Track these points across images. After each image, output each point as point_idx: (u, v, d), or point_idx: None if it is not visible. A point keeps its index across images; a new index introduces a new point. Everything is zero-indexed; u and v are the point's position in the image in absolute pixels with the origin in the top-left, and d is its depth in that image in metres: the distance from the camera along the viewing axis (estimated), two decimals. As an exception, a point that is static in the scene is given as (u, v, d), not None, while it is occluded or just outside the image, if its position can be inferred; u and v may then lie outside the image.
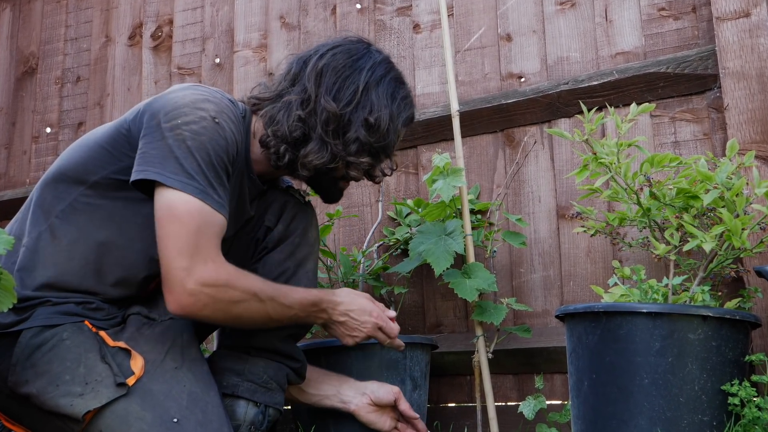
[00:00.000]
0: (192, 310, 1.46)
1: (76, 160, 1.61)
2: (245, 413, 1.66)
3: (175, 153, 1.45)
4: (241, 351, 1.71)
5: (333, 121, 1.59)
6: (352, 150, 1.60)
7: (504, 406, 2.25)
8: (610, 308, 1.56)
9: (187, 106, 1.49)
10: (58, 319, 1.54)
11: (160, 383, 1.50)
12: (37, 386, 1.48)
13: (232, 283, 1.49)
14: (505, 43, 2.47)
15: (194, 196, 1.44)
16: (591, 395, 1.58)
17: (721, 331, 1.52)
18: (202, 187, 1.45)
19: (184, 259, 1.43)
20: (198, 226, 1.44)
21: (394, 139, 1.65)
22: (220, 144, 1.49)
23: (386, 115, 1.61)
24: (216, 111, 1.51)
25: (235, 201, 1.66)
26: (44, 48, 3.33)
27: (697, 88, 2.15)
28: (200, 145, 1.46)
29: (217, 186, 1.48)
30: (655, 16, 2.26)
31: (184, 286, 1.44)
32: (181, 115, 1.48)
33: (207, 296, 1.45)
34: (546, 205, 2.30)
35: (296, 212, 1.78)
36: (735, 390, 1.49)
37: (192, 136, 1.46)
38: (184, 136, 1.46)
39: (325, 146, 1.59)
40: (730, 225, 1.56)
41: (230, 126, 1.53)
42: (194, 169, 1.45)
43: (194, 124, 1.47)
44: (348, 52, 1.64)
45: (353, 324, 1.70)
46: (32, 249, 1.58)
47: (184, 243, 1.43)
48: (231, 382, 1.67)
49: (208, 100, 1.52)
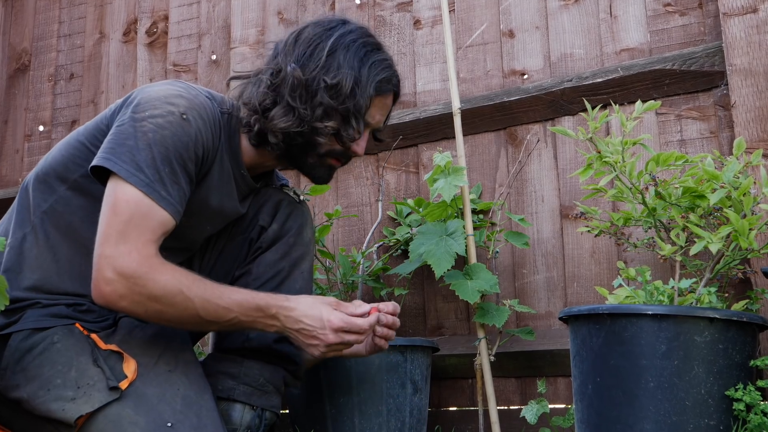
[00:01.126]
0: (109, 300, 1.45)
1: (57, 159, 1.62)
2: (241, 417, 1.66)
3: (131, 143, 1.47)
4: (236, 353, 1.71)
5: (299, 86, 1.59)
6: (318, 114, 1.60)
7: (506, 410, 2.24)
8: (614, 310, 1.56)
9: (158, 99, 1.51)
10: (49, 321, 1.53)
11: (153, 387, 1.50)
12: (27, 391, 1.48)
13: (153, 276, 1.44)
14: (507, 40, 2.46)
15: (137, 187, 1.45)
16: (595, 399, 1.58)
17: (728, 334, 1.51)
18: (148, 181, 1.46)
19: (109, 247, 1.43)
20: (131, 217, 1.44)
21: (363, 103, 1.63)
22: (183, 140, 1.50)
23: (350, 77, 1.60)
24: (186, 107, 1.53)
25: (219, 197, 1.66)
26: (37, 44, 3.33)
27: (704, 86, 2.15)
28: (160, 139, 1.48)
29: (169, 182, 1.48)
30: (660, 12, 2.26)
31: (103, 273, 1.43)
32: (150, 107, 1.50)
33: (123, 287, 1.43)
34: (549, 205, 2.30)
35: (291, 211, 1.78)
36: (739, 395, 1.48)
37: (154, 129, 1.48)
38: (147, 129, 1.48)
39: (292, 110, 1.60)
40: (737, 225, 1.56)
41: (199, 123, 1.54)
42: (146, 162, 1.46)
43: (160, 118, 1.49)
44: (323, 24, 1.66)
45: (310, 333, 1.56)
46: (17, 250, 1.58)
47: (112, 231, 1.44)
48: (226, 386, 1.67)
49: (182, 96, 1.54)
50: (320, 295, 2.29)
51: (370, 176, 2.58)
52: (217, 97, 1.67)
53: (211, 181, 1.63)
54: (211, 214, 1.67)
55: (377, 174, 2.57)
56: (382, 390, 1.98)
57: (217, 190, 1.65)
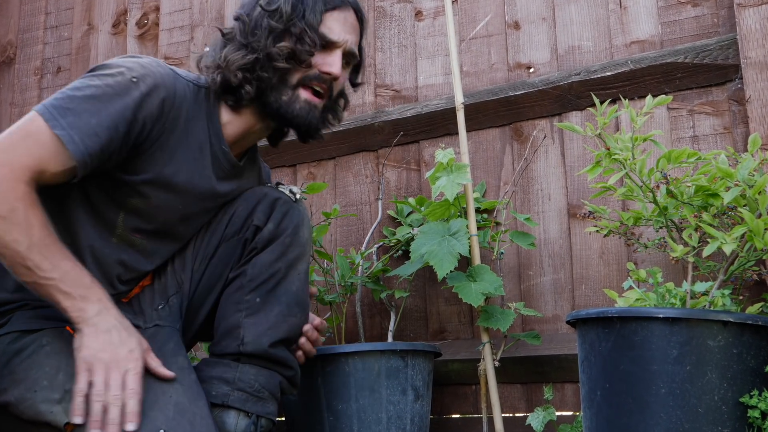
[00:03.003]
0: None
1: None
2: (236, 424, 1.66)
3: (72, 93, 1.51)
4: (230, 358, 1.71)
5: (245, 25, 1.68)
6: (268, 41, 1.67)
7: (511, 417, 2.25)
8: (624, 313, 1.56)
9: (117, 63, 1.57)
10: (38, 323, 1.54)
11: (145, 393, 1.50)
12: (15, 394, 1.48)
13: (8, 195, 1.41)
14: (512, 31, 2.46)
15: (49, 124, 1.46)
16: (604, 406, 1.58)
17: (743, 338, 1.51)
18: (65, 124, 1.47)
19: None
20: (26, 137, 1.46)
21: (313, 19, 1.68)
22: (124, 101, 1.52)
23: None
24: (141, 74, 1.56)
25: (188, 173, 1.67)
26: (22, 36, 3.33)
27: (717, 79, 2.15)
28: (100, 95, 1.51)
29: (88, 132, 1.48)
30: (672, 3, 2.26)
31: None
32: (105, 68, 1.56)
33: None
34: (556, 204, 2.30)
35: (287, 210, 1.77)
36: (754, 402, 1.48)
37: (98, 85, 1.52)
38: (91, 83, 1.52)
39: (244, 46, 1.67)
40: (752, 225, 1.56)
41: (151, 89, 1.56)
42: (74, 111, 1.48)
43: (110, 77, 1.53)
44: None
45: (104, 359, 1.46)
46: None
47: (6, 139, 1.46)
48: (221, 392, 1.67)
49: (142, 65, 1.58)
50: (318, 298, 2.29)
51: (370, 174, 2.59)
52: (191, 75, 1.70)
53: (173, 154, 1.63)
54: (179, 191, 1.67)
55: (377, 171, 2.57)
56: (382, 397, 1.98)
57: (184, 165, 1.66)
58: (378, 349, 2.01)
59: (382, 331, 2.43)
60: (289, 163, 2.72)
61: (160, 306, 1.72)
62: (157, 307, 1.72)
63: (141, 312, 1.67)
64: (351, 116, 2.63)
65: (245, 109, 1.71)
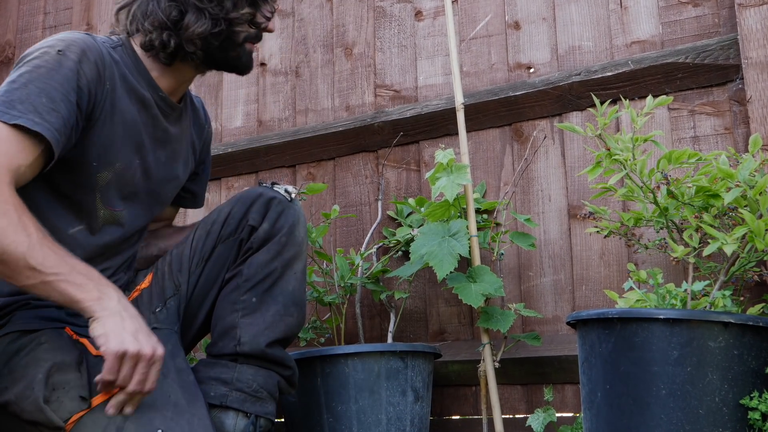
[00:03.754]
0: None
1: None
2: (235, 425, 1.66)
3: (7, 88, 1.50)
4: (228, 359, 1.71)
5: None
6: (228, 6, 1.67)
7: (512, 418, 2.25)
8: (624, 314, 1.56)
9: (35, 47, 1.57)
10: (38, 323, 1.55)
11: (143, 394, 1.51)
12: (14, 392, 1.49)
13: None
14: (513, 32, 2.47)
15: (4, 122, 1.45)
16: (605, 407, 1.58)
17: (744, 339, 1.52)
18: (18, 113, 1.46)
19: None
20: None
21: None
22: (61, 72, 1.52)
23: None
24: (64, 45, 1.56)
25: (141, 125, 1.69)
26: (21, 36, 3.33)
27: (718, 80, 2.15)
28: (36, 76, 1.50)
29: (45, 110, 1.48)
30: (673, 3, 2.26)
31: None
32: (27, 56, 1.55)
33: None
34: (556, 205, 2.30)
35: (282, 210, 1.78)
36: (755, 404, 1.48)
37: (30, 69, 1.51)
38: (22, 72, 1.51)
39: (203, 12, 1.66)
40: (753, 226, 1.56)
41: (80, 55, 1.56)
42: (19, 99, 1.48)
43: (36, 59, 1.53)
44: None
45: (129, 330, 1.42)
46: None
47: None
48: (219, 392, 1.67)
49: (58, 39, 1.58)
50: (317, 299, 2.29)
51: (370, 174, 2.59)
52: (100, 37, 1.70)
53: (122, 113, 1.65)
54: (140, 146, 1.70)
55: (377, 172, 2.57)
56: (381, 398, 1.98)
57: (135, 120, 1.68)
58: (378, 350, 2.01)
59: (382, 332, 2.43)
60: (289, 163, 2.72)
61: (157, 309, 1.73)
62: (155, 310, 1.72)
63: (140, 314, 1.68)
64: (351, 116, 2.63)
65: (180, 64, 1.73)
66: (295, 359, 1.96)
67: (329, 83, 2.72)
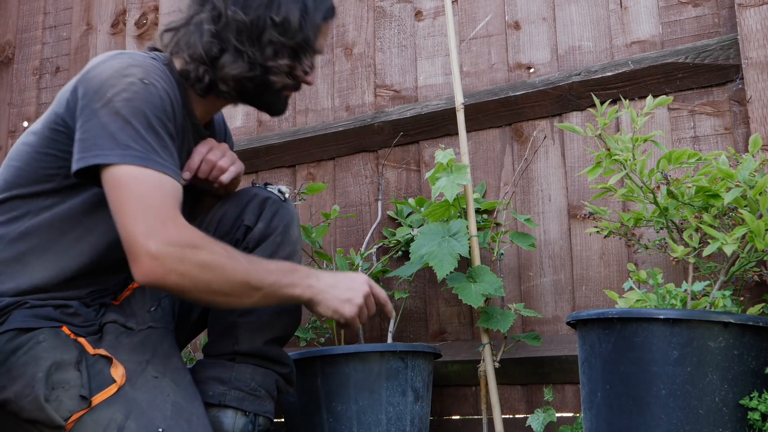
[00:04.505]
0: (157, 276, 1.43)
1: (20, 175, 1.61)
2: (233, 424, 1.66)
3: (109, 129, 1.47)
4: (225, 358, 1.71)
5: (245, 29, 1.61)
6: (268, 54, 1.63)
7: (512, 418, 2.25)
8: (624, 314, 1.56)
9: (112, 77, 1.51)
10: (36, 322, 1.55)
11: (143, 392, 1.52)
12: (14, 390, 1.49)
13: (198, 242, 1.46)
14: (513, 32, 2.47)
15: (135, 164, 1.45)
16: (604, 407, 1.58)
17: (744, 339, 1.52)
18: (142, 153, 1.46)
19: (139, 224, 1.43)
20: (145, 191, 1.45)
21: (312, 35, 1.66)
22: (156, 103, 1.51)
23: (296, 10, 1.62)
24: (143, 72, 1.53)
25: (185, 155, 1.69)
26: (21, 36, 3.33)
27: (718, 80, 2.15)
28: (135, 110, 1.48)
29: (160, 148, 1.49)
30: (673, 3, 2.26)
31: (147, 249, 1.42)
32: (109, 87, 1.50)
33: (173, 258, 1.43)
34: (556, 205, 2.31)
35: (276, 210, 1.78)
36: (755, 404, 1.48)
37: (124, 105, 1.48)
38: (117, 108, 1.48)
39: (241, 55, 1.62)
40: (753, 226, 1.56)
41: (161, 83, 1.55)
42: (131, 137, 1.47)
43: (124, 92, 1.49)
44: None
45: (346, 285, 1.64)
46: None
47: (136, 210, 1.44)
48: (217, 391, 1.68)
49: (133, 64, 1.54)
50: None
51: (370, 174, 2.59)
52: (159, 55, 1.68)
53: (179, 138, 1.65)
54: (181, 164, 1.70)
55: (377, 172, 2.57)
56: (381, 398, 1.98)
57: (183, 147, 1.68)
58: (378, 350, 2.01)
59: (382, 332, 2.43)
60: (289, 163, 2.72)
61: (152, 308, 1.73)
62: (150, 309, 1.72)
63: (133, 314, 1.67)
64: (351, 116, 2.63)
65: (214, 97, 1.71)
66: (295, 359, 1.96)
67: (329, 83, 2.72)
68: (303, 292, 1.59)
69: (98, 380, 1.52)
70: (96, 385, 1.51)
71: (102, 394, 1.50)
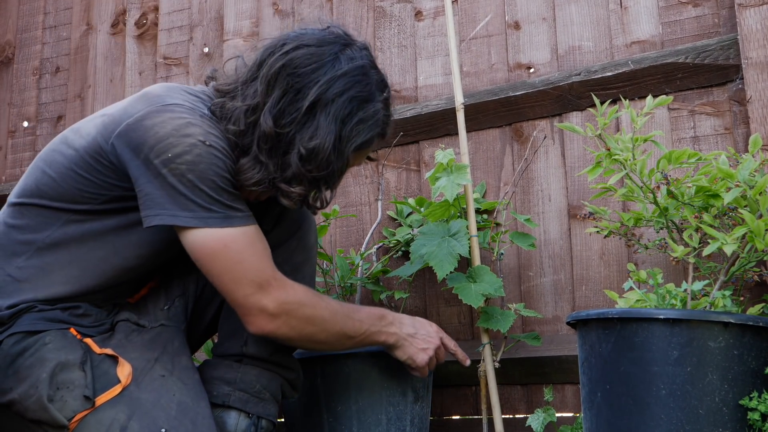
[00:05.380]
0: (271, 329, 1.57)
1: (53, 187, 1.59)
2: (236, 425, 1.67)
3: (181, 191, 1.47)
4: (232, 359, 1.72)
5: (270, 140, 1.53)
6: (286, 176, 1.54)
7: (512, 418, 2.25)
8: (624, 314, 1.56)
9: (171, 135, 1.47)
10: (43, 324, 1.56)
11: (148, 392, 1.52)
12: (19, 391, 1.50)
13: (305, 299, 1.59)
14: (513, 32, 2.47)
15: (220, 227, 1.49)
16: (604, 407, 1.58)
17: (744, 339, 1.52)
18: (223, 214, 1.50)
19: (246, 289, 1.52)
20: (239, 255, 1.51)
21: (339, 168, 1.57)
22: (219, 165, 1.50)
23: (329, 142, 1.51)
24: (203, 133, 1.49)
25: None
26: (21, 36, 3.33)
27: (718, 80, 2.15)
28: (202, 174, 1.47)
29: (234, 203, 1.53)
30: (673, 3, 2.26)
31: (263, 307, 1.54)
32: (169, 147, 1.46)
33: (287, 315, 1.56)
34: (556, 205, 2.31)
35: (293, 216, 1.79)
36: (755, 404, 1.48)
37: (190, 168, 1.47)
38: (182, 170, 1.46)
39: (260, 165, 1.54)
40: (753, 226, 1.56)
41: (220, 143, 1.52)
42: (207, 201, 1.48)
43: (187, 155, 1.47)
44: (311, 57, 1.54)
45: (422, 335, 1.81)
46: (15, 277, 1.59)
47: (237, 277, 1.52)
48: (222, 392, 1.68)
49: (191, 123, 1.50)
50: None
51: (370, 174, 2.59)
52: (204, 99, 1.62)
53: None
54: None
55: (377, 172, 2.57)
56: (381, 398, 1.98)
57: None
58: (378, 350, 2.01)
59: (382, 332, 2.43)
60: (289, 163, 2.71)
61: (165, 307, 1.73)
62: (163, 307, 1.73)
63: (146, 312, 1.68)
64: (351, 116, 2.63)
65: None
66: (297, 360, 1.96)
67: (329, 83, 2.72)
68: (387, 339, 1.76)
69: (103, 380, 1.52)
70: (101, 385, 1.51)
71: (106, 394, 1.50)
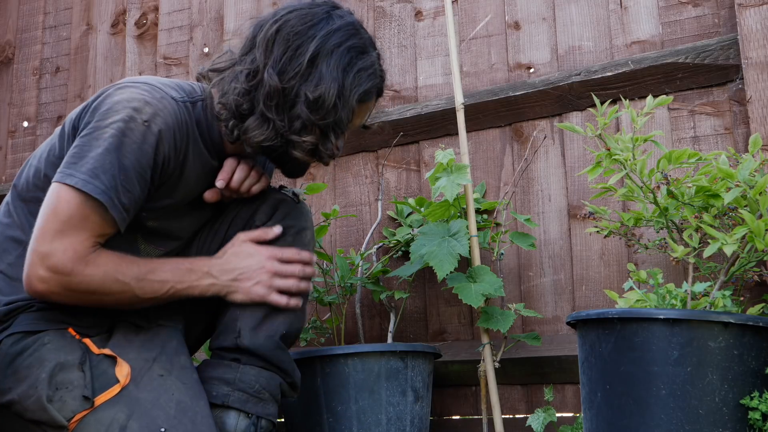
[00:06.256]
0: (42, 296, 1.51)
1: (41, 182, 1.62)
2: (236, 425, 1.66)
3: (92, 152, 1.49)
4: (231, 359, 1.71)
5: (276, 96, 1.56)
6: (295, 127, 1.58)
7: (512, 418, 2.25)
8: (624, 314, 1.56)
9: (122, 104, 1.52)
10: (41, 324, 1.56)
11: (147, 391, 1.52)
12: (18, 392, 1.50)
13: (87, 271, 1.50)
14: (513, 32, 2.47)
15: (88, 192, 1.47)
16: (605, 407, 1.58)
17: (744, 339, 1.52)
18: (103, 188, 1.48)
19: (44, 243, 1.48)
20: (70, 217, 1.48)
21: (345, 116, 1.60)
22: (144, 149, 1.51)
23: (333, 89, 1.56)
24: (150, 114, 1.53)
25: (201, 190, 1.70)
26: (21, 36, 3.33)
27: (718, 80, 2.15)
28: (118, 146, 1.49)
29: (122, 189, 1.50)
30: (673, 3, 2.26)
31: (36, 270, 1.48)
32: (113, 113, 1.51)
33: (57, 284, 1.49)
34: (556, 205, 2.31)
35: (289, 211, 1.78)
36: (755, 404, 1.48)
37: (115, 135, 1.49)
38: (108, 134, 1.50)
39: (267, 122, 1.58)
40: (753, 226, 1.56)
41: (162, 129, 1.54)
42: (102, 169, 1.48)
43: (122, 123, 1.50)
44: (304, 17, 1.61)
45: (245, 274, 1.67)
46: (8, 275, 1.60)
47: (50, 228, 1.48)
48: (221, 392, 1.68)
49: (147, 101, 1.53)
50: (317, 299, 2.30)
51: (370, 174, 2.59)
52: (186, 88, 1.66)
53: (187, 179, 1.65)
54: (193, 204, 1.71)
55: (377, 172, 2.57)
56: (381, 398, 1.98)
57: (196, 183, 1.68)
58: (378, 351, 2.01)
59: (382, 333, 2.43)
60: (289, 163, 2.71)
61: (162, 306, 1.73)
62: (160, 307, 1.73)
63: (145, 312, 1.68)
64: (351, 116, 2.63)
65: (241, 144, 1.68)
66: (295, 359, 1.95)
67: (329, 83, 2.72)
68: (204, 291, 1.65)
69: (102, 380, 1.52)
70: (99, 385, 1.51)
71: (105, 394, 1.50)
